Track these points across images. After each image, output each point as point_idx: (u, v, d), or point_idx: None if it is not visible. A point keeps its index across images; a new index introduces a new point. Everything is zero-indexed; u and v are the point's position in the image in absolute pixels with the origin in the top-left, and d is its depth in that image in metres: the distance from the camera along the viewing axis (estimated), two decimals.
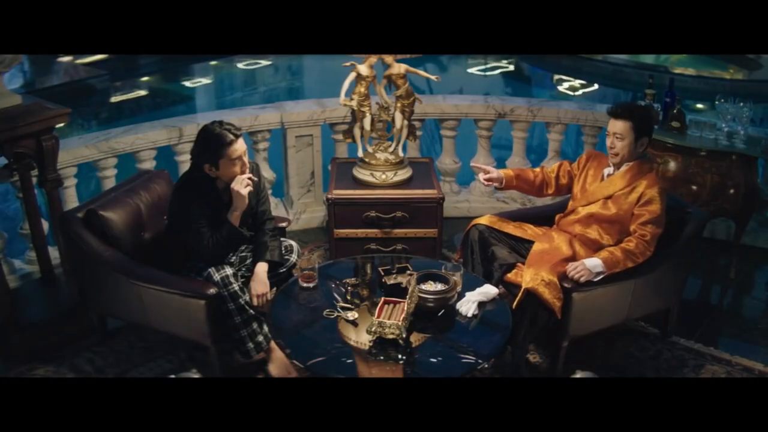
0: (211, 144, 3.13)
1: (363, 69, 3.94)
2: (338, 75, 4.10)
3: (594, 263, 3.22)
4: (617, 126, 3.32)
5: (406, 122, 4.07)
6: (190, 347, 3.59)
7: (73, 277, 3.64)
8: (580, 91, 10.97)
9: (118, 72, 11.22)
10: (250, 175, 3.24)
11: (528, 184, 3.65)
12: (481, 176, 3.67)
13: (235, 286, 3.19)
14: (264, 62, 13.11)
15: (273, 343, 3.33)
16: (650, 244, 3.27)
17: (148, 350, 3.64)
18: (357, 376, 2.73)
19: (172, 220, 3.37)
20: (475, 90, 11.17)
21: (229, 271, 3.21)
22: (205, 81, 12.37)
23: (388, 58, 3.93)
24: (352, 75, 3.96)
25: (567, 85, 11.54)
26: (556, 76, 12.04)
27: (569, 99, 10.43)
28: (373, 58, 3.93)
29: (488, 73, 12.62)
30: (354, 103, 4.01)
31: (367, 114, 4.04)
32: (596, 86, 11.08)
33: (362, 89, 3.99)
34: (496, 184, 3.63)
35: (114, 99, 10.85)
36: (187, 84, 12.12)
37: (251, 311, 3.25)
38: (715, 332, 3.85)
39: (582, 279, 3.19)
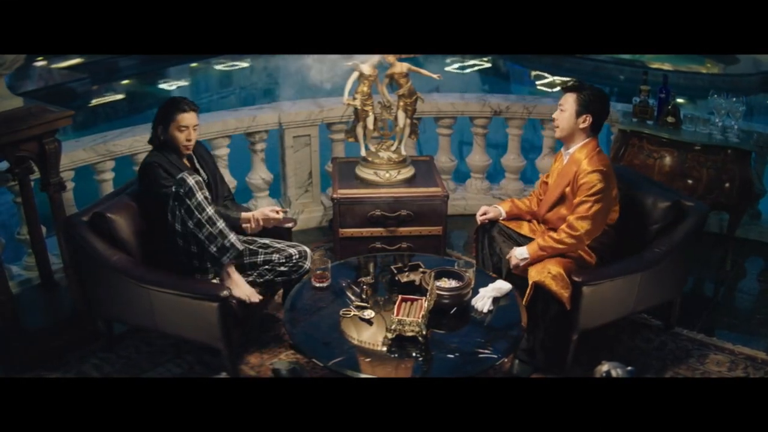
0: (166, 108, 3.39)
1: (365, 68, 3.94)
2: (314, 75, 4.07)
3: (520, 252, 3.35)
4: (563, 98, 3.38)
5: (408, 121, 4.08)
6: (198, 350, 3.56)
7: (76, 282, 3.58)
8: (559, 88, 11.06)
9: (96, 76, 11.07)
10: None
11: (526, 212, 3.65)
12: (479, 216, 3.62)
13: (200, 196, 3.19)
14: (241, 64, 13.06)
15: (231, 268, 3.31)
16: (577, 231, 3.26)
17: (155, 354, 3.60)
18: (373, 375, 2.73)
19: (146, 201, 3.41)
20: (453, 88, 11.21)
21: (202, 176, 3.41)
22: (182, 83, 12.28)
23: (390, 57, 3.94)
24: (355, 74, 3.96)
25: (545, 81, 11.64)
26: (534, 72, 12.14)
27: (549, 96, 10.51)
28: (376, 58, 3.93)
29: (466, 71, 12.69)
30: (357, 103, 4.01)
31: (370, 113, 4.04)
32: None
33: (365, 88, 3.99)
34: (491, 217, 3.59)
35: (93, 102, 10.71)
36: (164, 86, 12.01)
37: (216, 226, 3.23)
38: (715, 323, 3.92)
39: (512, 266, 3.36)
